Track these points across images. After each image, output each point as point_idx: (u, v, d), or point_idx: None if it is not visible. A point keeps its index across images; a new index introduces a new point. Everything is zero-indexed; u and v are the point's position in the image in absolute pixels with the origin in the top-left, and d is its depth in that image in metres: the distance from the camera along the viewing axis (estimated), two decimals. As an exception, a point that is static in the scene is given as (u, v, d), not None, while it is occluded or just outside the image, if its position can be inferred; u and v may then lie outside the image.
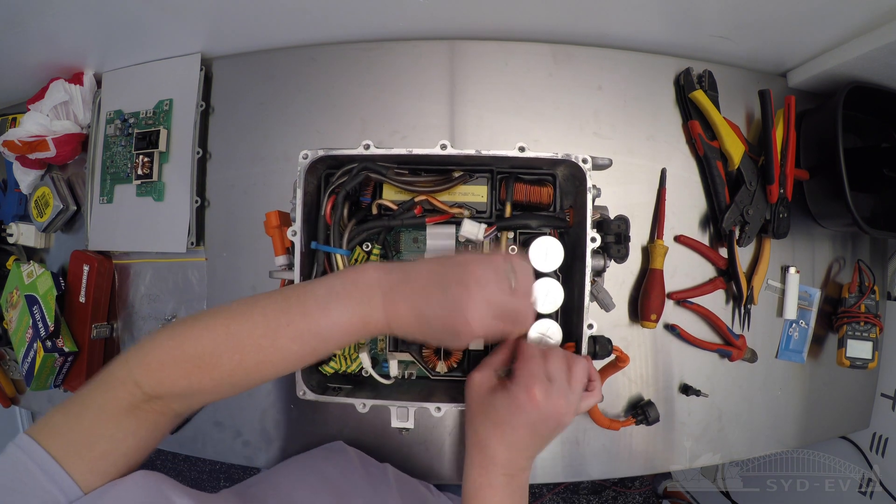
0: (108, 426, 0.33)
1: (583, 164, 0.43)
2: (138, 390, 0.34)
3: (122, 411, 0.34)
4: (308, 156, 0.43)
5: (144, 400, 0.34)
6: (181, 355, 0.34)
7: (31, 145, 0.70)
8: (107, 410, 0.33)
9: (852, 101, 0.62)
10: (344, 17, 0.67)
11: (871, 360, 0.68)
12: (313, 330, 0.34)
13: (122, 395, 0.34)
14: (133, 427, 0.34)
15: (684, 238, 0.68)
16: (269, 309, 0.35)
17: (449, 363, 0.48)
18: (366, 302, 0.35)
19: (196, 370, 0.34)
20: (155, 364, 0.34)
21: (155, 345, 0.35)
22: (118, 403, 0.34)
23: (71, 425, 0.33)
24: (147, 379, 0.34)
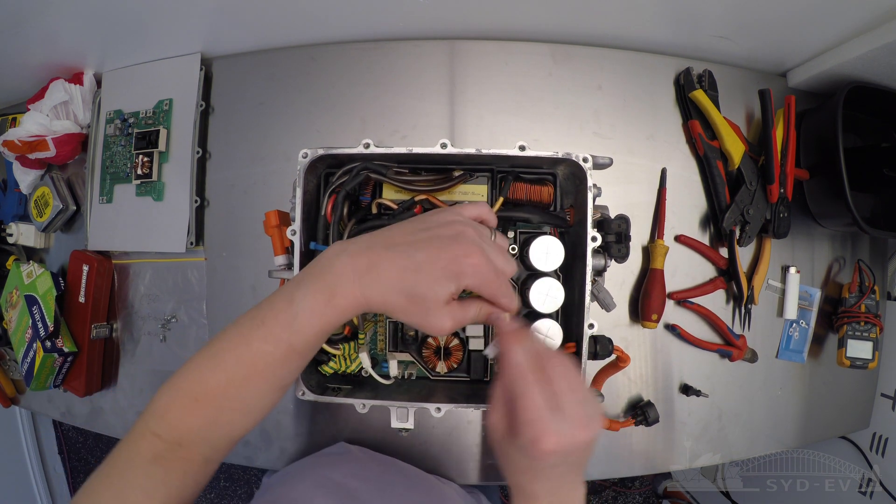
0: (138, 477, 0.34)
1: (583, 164, 0.43)
2: (157, 440, 0.34)
3: (148, 461, 0.34)
4: (308, 155, 0.43)
5: (168, 449, 0.34)
6: (179, 393, 0.35)
7: (31, 145, 0.70)
8: (134, 463, 0.34)
9: (852, 101, 0.62)
10: (344, 17, 0.67)
11: (871, 360, 0.68)
12: (282, 323, 0.33)
13: (144, 447, 0.34)
14: (162, 476, 0.34)
15: (684, 238, 0.68)
16: (244, 319, 0.35)
17: (449, 363, 0.48)
18: (330, 273, 0.33)
19: (195, 404, 0.34)
20: (162, 409, 0.35)
21: (162, 391, 0.36)
22: (143, 455, 0.34)
23: (105, 483, 0.34)
24: (160, 426, 0.35)
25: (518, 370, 0.33)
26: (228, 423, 0.36)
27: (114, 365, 0.75)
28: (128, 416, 0.74)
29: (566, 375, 0.33)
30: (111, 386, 0.75)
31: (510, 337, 0.34)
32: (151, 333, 0.73)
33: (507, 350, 0.34)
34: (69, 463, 1.49)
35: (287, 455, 0.68)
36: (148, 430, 0.35)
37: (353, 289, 0.32)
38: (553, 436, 0.30)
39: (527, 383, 0.32)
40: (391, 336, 0.49)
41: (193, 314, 0.72)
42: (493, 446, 0.36)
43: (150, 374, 0.73)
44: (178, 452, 0.35)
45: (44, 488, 1.38)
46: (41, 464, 1.39)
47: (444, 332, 0.34)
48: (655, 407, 0.65)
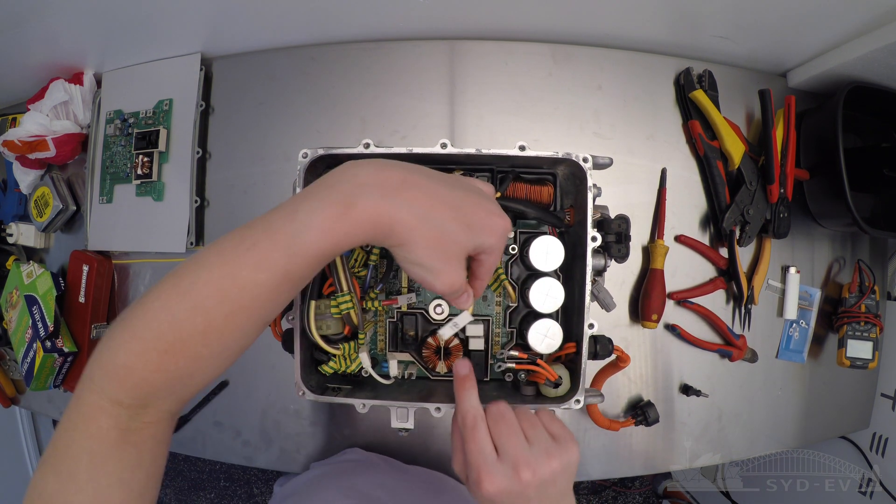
0: (110, 470, 0.28)
1: (583, 163, 0.43)
2: (120, 409, 0.28)
3: (116, 444, 0.28)
4: (307, 155, 0.43)
5: (132, 417, 0.28)
6: (144, 347, 0.27)
7: (30, 145, 0.70)
8: (99, 453, 0.27)
9: (852, 101, 0.62)
10: (344, 17, 0.67)
11: (871, 360, 0.68)
12: (281, 244, 0.26)
13: (105, 425, 0.28)
14: (135, 456, 0.29)
15: (684, 238, 0.68)
16: (228, 242, 0.28)
17: (449, 363, 0.48)
18: (346, 185, 0.27)
19: (164, 356, 0.27)
20: (122, 370, 0.28)
21: (113, 347, 0.28)
22: (107, 437, 0.27)
23: (70, 490, 0.27)
24: (122, 391, 0.28)
25: (466, 416, 0.35)
26: (202, 371, 0.29)
27: (114, 365, 0.75)
28: (128, 416, 0.74)
29: (507, 419, 0.35)
30: (111, 386, 0.75)
31: (463, 382, 0.36)
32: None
33: (458, 396, 0.36)
34: (69, 463, 1.49)
35: (287, 455, 0.68)
36: (105, 397, 0.28)
37: (379, 203, 0.27)
38: (491, 478, 0.32)
39: (471, 429, 0.34)
40: (391, 336, 0.49)
41: (193, 314, 0.72)
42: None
43: (150, 374, 0.73)
44: (144, 417, 0.29)
45: (44, 488, 1.38)
46: (41, 464, 1.39)
47: (450, 287, 0.30)
48: (655, 407, 0.65)
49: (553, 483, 0.33)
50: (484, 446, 0.33)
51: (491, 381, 0.49)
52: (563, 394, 0.44)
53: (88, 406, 0.28)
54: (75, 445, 0.28)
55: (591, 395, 0.45)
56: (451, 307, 0.48)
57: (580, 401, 0.42)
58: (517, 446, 0.33)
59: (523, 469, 0.32)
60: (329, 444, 0.68)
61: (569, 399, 0.42)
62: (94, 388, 0.28)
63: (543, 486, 0.33)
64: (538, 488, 0.33)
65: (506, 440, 0.34)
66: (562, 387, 0.44)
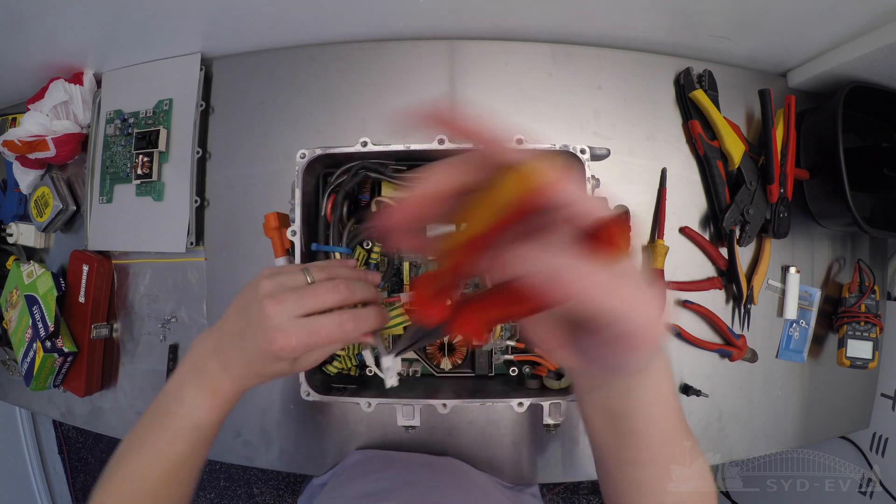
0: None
1: (581, 155, 0.43)
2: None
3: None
4: (306, 155, 0.43)
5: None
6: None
7: (30, 145, 0.70)
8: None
9: (852, 101, 0.62)
10: (344, 17, 0.67)
11: (871, 360, 0.68)
12: (183, 424, 0.36)
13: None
14: None
15: (689, 230, 0.68)
16: (143, 430, 0.37)
17: (453, 360, 0.48)
18: (205, 374, 0.37)
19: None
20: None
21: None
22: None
23: None
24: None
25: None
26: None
27: (114, 365, 0.75)
28: (128, 416, 0.74)
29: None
30: (111, 386, 0.75)
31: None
32: (151, 333, 0.73)
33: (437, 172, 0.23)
34: (69, 463, 1.49)
35: (287, 455, 0.68)
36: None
37: (228, 382, 0.37)
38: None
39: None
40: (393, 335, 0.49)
41: (193, 314, 0.72)
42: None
43: (150, 374, 0.73)
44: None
45: (44, 488, 1.38)
46: (41, 464, 1.39)
47: (314, 364, 0.38)
48: None
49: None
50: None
51: (495, 377, 0.49)
52: (567, 385, 0.44)
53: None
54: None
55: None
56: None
57: None
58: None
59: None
60: (330, 444, 0.67)
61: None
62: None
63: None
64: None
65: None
66: (564, 379, 0.45)
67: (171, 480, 0.36)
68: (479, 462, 0.66)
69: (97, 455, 1.50)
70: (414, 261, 0.50)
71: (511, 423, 0.66)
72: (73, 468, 1.50)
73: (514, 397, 0.42)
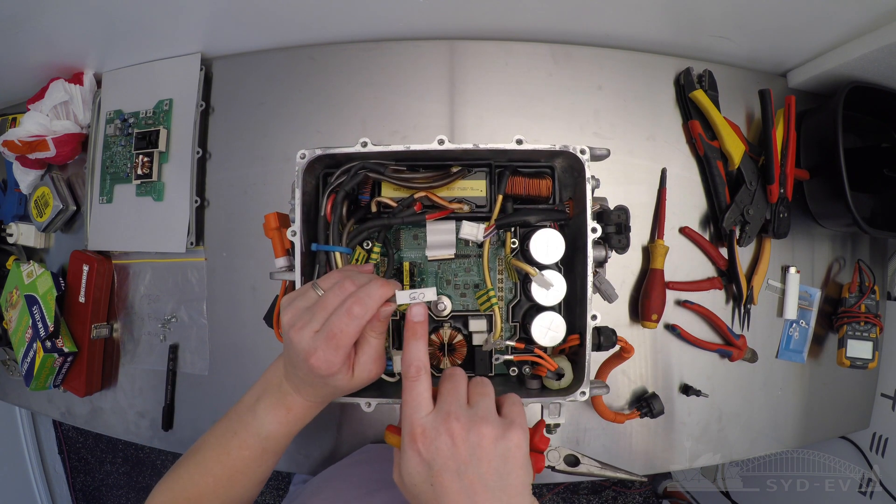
0: None
1: (581, 155, 0.43)
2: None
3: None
4: (305, 155, 0.43)
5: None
6: (173, 494, 0.40)
7: (31, 145, 0.70)
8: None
9: (852, 101, 0.62)
10: (344, 17, 0.67)
11: (871, 360, 0.68)
12: (252, 433, 0.40)
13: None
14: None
15: (689, 230, 0.68)
16: (219, 430, 0.41)
17: (453, 359, 0.48)
18: (280, 392, 0.40)
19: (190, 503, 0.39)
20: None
21: (156, 494, 0.40)
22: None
23: None
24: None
25: (409, 366, 0.35)
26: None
27: (114, 365, 0.75)
28: (128, 416, 0.74)
29: (455, 378, 0.35)
30: (111, 386, 0.75)
31: (414, 329, 0.36)
32: (151, 333, 0.73)
33: (406, 344, 0.36)
34: (69, 463, 1.49)
35: (288, 455, 0.68)
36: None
37: (300, 401, 0.40)
38: (420, 428, 0.32)
39: (412, 379, 0.34)
40: (395, 334, 0.49)
41: (193, 314, 0.72)
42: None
43: (150, 375, 0.73)
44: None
45: (44, 488, 1.38)
46: (41, 464, 1.39)
47: (378, 375, 0.40)
48: (660, 398, 0.65)
49: (487, 459, 0.30)
50: (420, 399, 0.33)
51: (495, 377, 0.49)
52: (567, 386, 0.44)
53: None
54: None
55: (596, 387, 0.45)
56: (454, 304, 0.48)
57: (585, 392, 0.42)
58: (454, 402, 0.32)
59: (453, 420, 0.31)
60: (330, 444, 0.68)
61: (574, 391, 0.42)
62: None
63: (475, 453, 0.30)
64: (470, 452, 0.30)
65: (445, 395, 0.33)
66: (564, 379, 0.44)
67: (232, 481, 0.40)
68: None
69: (97, 455, 1.50)
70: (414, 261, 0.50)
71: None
72: (73, 468, 1.50)
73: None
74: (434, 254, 0.47)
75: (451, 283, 0.50)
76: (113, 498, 1.50)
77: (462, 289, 0.49)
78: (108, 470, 1.50)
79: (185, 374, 0.72)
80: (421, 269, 0.50)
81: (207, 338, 0.71)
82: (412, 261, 0.49)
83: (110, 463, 1.50)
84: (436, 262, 0.49)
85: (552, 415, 0.44)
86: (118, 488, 1.49)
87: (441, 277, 0.50)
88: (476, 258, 0.49)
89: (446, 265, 0.49)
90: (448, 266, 0.49)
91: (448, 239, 0.47)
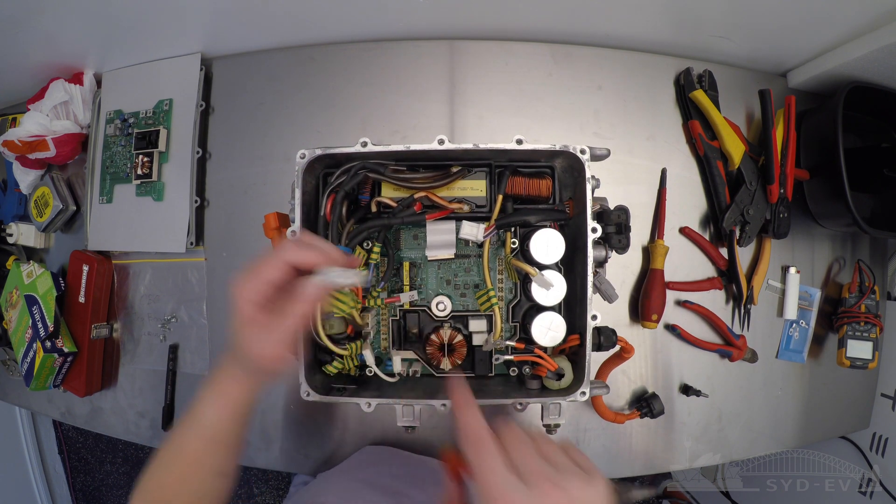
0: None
1: (581, 155, 0.43)
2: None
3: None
4: (305, 155, 0.43)
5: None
6: (146, 496, 0.40)
7: (31, 145, 0.70)
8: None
9: (852, 101, 0.62)
10: (343, 17, 0.67)
11: (871, 360, 0.68)
12: (196, 424, 0.41)
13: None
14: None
15: (689, 230, 0.68)
16: (174, 429, 0.42)
17: (453, 360, 0.48)
18: (217, 382, 0.41)
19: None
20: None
21: (134, 498, 0.41)
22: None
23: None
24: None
25: (469, 432, 0.30)
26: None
27: (114, 365, 0.75)
28: (128, 416, 0.74)
29: (521, 436, 0.31)
30: (111, 386, 0.75)
31: (461, 402, 0.33)
32: (151, 333, 0.73)
33: (459, 416, 0.32)
34: (69, 463, 1.49)
35: (287, 455, 0.68)
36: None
37: (234, 383, 0.40)
38: (512, 498, 0.27)
39: (478, 444, 0.30)
40: (395, 334, 0.49)
41: (193, 314, 0.72)
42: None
43: (150, 374, 0.73)
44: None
45: (44, 488, 1.38)
46: (41, 464, 1.39)
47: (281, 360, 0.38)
48: (660, 398, 0.65)
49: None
50: (497, 464, 0.28)
51: (495, 377, 0.49)
52: (567, 386, 0.44)
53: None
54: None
55: (596, 387, 0.45)
56: (454, 304, 0.48)
57: (585, 392, 0.42)
58: (539, 464, 0.29)
59: (550, 488, 0.27)
60: (330, 444, 0.68)
61: (574, 391, 0.42)
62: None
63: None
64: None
65: (523, 457, 0.29)
66: (564, 379, 0.44)
67: (189, 476, 0.40)
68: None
69: (97, 455, 1.50)
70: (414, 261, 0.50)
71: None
72: (73, 468, 1.50)
73: (514, 397, 0.42)
74: (434, 254, 0.47)
75: (451, 283, 0.50)
76: (113, 498, 1.50)
77: (462, 289, 0.49)
78: (108, 470, 1.50)
79: (185, 374, 0.72)
80: (421, 269, 0.50)
81: (207, 338, 0.71)
82: (412, 261, 0.49)
83: (110, 463, 1.50)
84: (436, 261, 0.49)
85: (552, 415, 0.44)
86: (118, 488, 1.49)
87: (441, 277, 0.50)
88: (476, 258, 0.49)
89: (446, 265, 0.49)
90: (448, 266, 0.49)
91: (448, 239, 0.47)
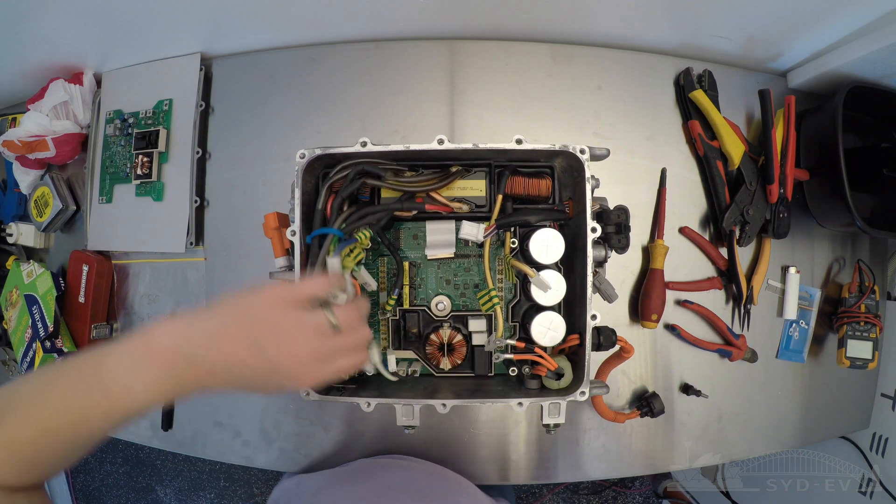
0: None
1: (580, 155, 0.43)
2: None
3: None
4: (305, 155, 0.43)
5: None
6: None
7: (30, 145, 0.70)
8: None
9: (852, 101, 0.62)
10: (343, 17, 0.67)
11: (871, 360, 0.68)
12: (121, 410, 0.33)
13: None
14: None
15: (689, 230, 0.68)
16: (70, 393, 0.33)
17: (452, 359, 0.48)
18: (170, 376, 0.34)
19: (28, 467, 0.33)
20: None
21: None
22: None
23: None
24: None
25: None
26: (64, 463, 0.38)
27: (114, 365, 0.75)
28: (128, 416, 0.74)
29: None
30: (111, 386, 0.75)
31: None
32: None
33: None
34: (69, 463, 1.49)
35: (287, 455, 0.68)
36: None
37: (196, 390, 0.36)
38: None
39: None
40: (394, 334, 0.49)
41: (193, 314, 0.72)
42: None
43: (149, 374, 0.73)
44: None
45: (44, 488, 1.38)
46: (41, 464, 1.39)
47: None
48: (660, 398, 0.65)
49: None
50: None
51: (495, 377, 0.49)
52: (566, 385, 0.44)
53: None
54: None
55: (595, 387, 0.45)
56: (454, 303, 0.48)
57: (585, 392, 0.42)
58: None
59: None
60: (330, 444, 0.68)
61: (573, 391, 0.42)
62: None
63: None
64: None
65: None
66: (564, 379, 0.44)
67: (74, 447, 0.35)
68: (480, 462, 0.66)
69: (97, 455, 1.50)
70: (414, 260, 0.50)
71: (511, 424, 0.66)
72: (73, 468, 1.50)
73: (513, 397, 0.42)
74: (434, 253, 0.47)
75: (451, 282, 0.50)
76: (113, 498, 1.50)
77: (462, 289, 0.50)
78: (108, 470, 1.50)
79: (184, 374, 0.72)
80: (420, 268, 0.50)
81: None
82: (412, 260, 0.49)
83: (110, 463, 1.50)
84: (436, 261, 0.49)
85: (552, 415, 0.44)
86: (118, 488, 1.49)
87: (441, 277, 0.50)
88: (476, 258, 0.49)
89: (446, 265, 0.49)
90: (448, 266, 0.50)
91: (448, 239, 0.47)
